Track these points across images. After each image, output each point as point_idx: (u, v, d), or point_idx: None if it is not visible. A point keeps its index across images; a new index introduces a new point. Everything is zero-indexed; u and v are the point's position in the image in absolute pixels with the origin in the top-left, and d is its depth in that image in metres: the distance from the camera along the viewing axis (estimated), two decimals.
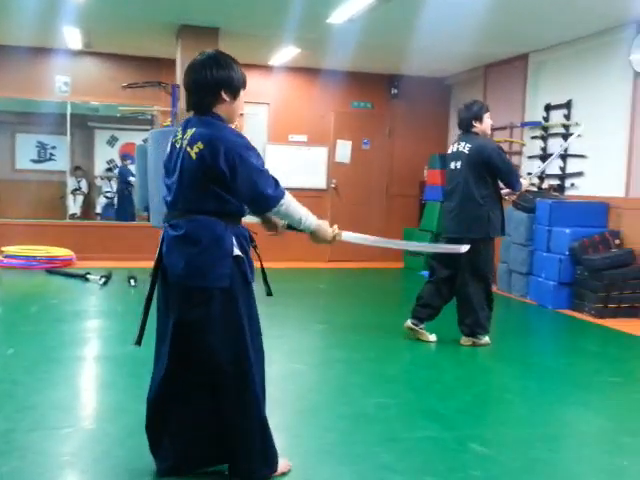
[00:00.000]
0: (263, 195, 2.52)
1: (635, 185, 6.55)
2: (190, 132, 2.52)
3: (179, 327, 2.55)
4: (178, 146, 2.57)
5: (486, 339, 5.02)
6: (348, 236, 2.85)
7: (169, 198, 2.61)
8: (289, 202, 2.59)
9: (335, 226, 2.79)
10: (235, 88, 2.59)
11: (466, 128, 5.01)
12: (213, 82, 2.54)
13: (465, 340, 5.03)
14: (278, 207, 2.56)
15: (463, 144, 4.96)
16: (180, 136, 2.58)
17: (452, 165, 5.04)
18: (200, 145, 2.46)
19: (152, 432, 2.69)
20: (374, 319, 5.97)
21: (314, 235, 2.72)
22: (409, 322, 5.09)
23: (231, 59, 2.62)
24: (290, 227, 2.79)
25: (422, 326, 5.09)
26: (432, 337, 5.10)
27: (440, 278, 5.06)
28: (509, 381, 4.36)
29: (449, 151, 5.17)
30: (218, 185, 2.49)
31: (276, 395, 3.57)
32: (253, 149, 2.54)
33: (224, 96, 2.57)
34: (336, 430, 3.29)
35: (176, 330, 2.55)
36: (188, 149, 2.49)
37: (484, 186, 4.87)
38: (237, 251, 2.54)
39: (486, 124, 5.01)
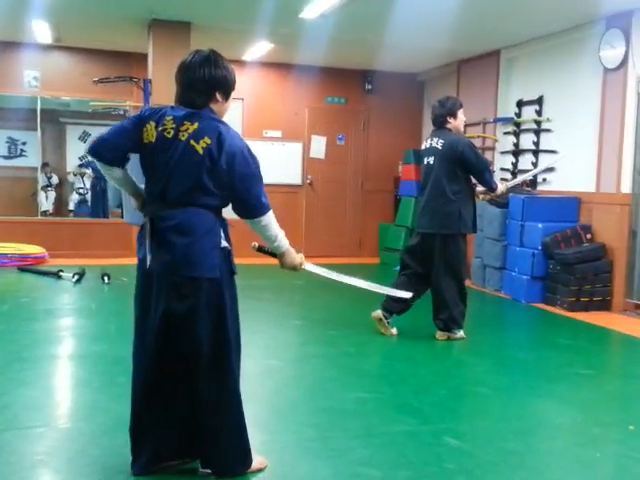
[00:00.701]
0: (258, 200, 2.57)
1: (605, 180, 6.64)
2: (192, 126, 2.50)
3: (166, 318, 2.53)
4: (170, 137, 2.51)
5: (461, 333, 5.07)
6: (310, 267, 2.94)
7: (155, 189, 2.55)
8: (272, 217, 2.65)
9: (301, 254, 2.86)
10: (228, 89, 2.64)
11: (440, 124, 5.04)
12: (209, 83, 2.57)
13: (440, 334, 5.07)
14: (263, 217, 2.60)
15: (436, 140, 4.99)
16: (172, 126, 2.52)
17: (425, 161, 5.07)
18: (207, 140, 2.48)
19: (137, 429, 2.65)
20: (350, 315, 5.98)
21: (283, 258, 2.79)
22: (379, 313, 5.10)
23: (225, 60, 2.65)
24: (260, 249, 2.90)
25: (390, 320, 5.12)
26: (394, 331, 5.14)
27: (415, 273, 5.09)
28: (483, 375, 4.40)
29: (423, 147, 5.20)
30: (214, 181, 2.50)
31: (253, 391, 3.57)
32: (253, 155, 2.58)
33: (217, 97, 2.60)
34: (313, 425, 3.30)
35: (163, 321, 2.53)
36: (192, 143, 2.48)
37: (456, 182, 4.91)
38: (225, 243, 2.58)
39: (460, 120, 5.06)
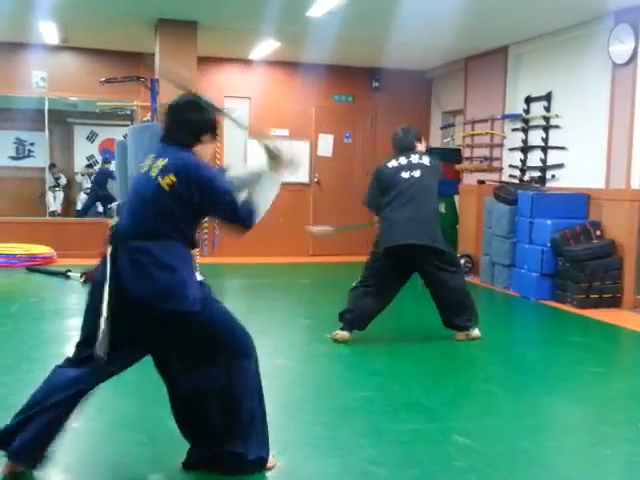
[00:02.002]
0: (243, 222, 2.62)
1: (615, 176, 6.59)
2: (162, 162, 2.56)
3: (157, 355, 2.66)
4: (144, 171, 2.61)
5: (476, 332, 5.00)
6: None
7: (126, 222, 2.60)
8: (261, 210, 2.67)
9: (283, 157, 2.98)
10: (212, 130, 2.73)
11: (410, 149, 5.09)
12: (195, 125, 2.66)
13: (459, 335, 5.00)
14: (256, 220, 2.65)
15: (416, 157, 5.00)
16: (150, 163, 2.61)
17: (405, 174, 4.93)
18: (172, 177, 2.51)
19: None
20: None
21: (277, 171, 2.93)
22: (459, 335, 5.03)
23: (208, 102, 2.74)
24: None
25: (470, 326, 5.00)
26: (476, 332, 5.06)
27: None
28: (492, 373, 4.38)
29: (393, 164, 5.03)
30: (183, 214, 2.54)
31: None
32: (221, 175, 2.69)
33: (203, 138, 2.69)
34: (321, 424, 3.30)
35: (155, 357, 2.67)
36: (159, 179, 2.52)
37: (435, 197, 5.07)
38: (199, 276, 2.64)
39: (423, 144, 5.21)
